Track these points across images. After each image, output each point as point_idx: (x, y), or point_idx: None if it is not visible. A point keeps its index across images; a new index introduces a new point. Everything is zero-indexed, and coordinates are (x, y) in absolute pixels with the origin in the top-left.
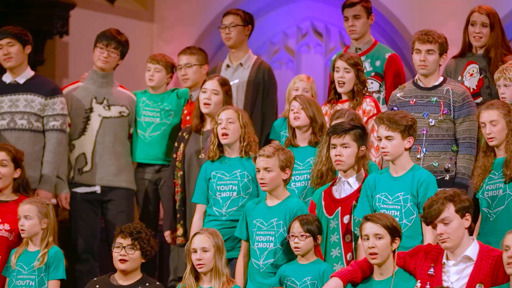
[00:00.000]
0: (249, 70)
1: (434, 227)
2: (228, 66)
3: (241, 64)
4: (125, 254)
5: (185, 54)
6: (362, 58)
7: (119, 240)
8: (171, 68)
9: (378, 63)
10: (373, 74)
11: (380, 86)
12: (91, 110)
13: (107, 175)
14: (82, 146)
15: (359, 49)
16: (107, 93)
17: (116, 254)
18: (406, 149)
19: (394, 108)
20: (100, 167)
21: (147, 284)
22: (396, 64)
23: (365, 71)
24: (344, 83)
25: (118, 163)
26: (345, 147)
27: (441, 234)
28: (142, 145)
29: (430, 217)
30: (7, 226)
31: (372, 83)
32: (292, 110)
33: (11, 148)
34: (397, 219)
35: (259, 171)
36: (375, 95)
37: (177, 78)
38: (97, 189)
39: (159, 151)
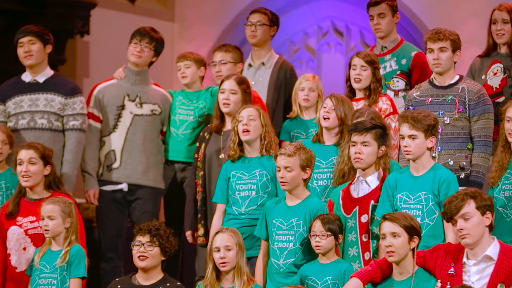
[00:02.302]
0: (271, 69)
1: (454, 223)
2: (250, 65)
3: (263, 63)
4: (144, 251)
5: (220, 51)
6: (388, 56)
7: (138, 238)
8: (200, 62)
9: (404, 61)
10: (398, 72)
11: (406, 84)
12: (123, 107)
13: (135, 173)
14: (112, 143)
15: (385, 47)
16: (140, 90)
17: (135, 251)
18: (428, 149)
19: (410, 107)
20: (129, 164)
21: (168, 284)
22: (422, 63)
23: (391, 69)
24: (360, 80)
25: (147, 161)
26: (365, 145)
27: (461, 229)
28: (174, 143)
29: (450, 212)
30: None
31: (397, 81)
32: (324, 108)
33: (39, 145)
34: (419, 218)
35: (279, 170)
36: (401, 94)
37: (211, 76)
38: (124, 186)
39: (189, 148)
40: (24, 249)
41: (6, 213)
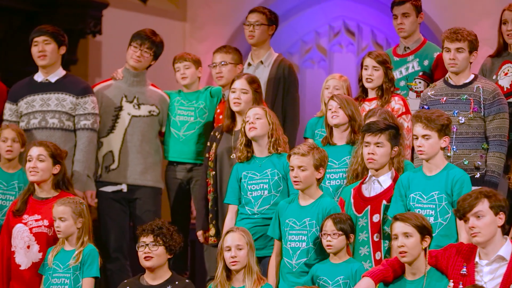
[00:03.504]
0: (270, 68)
1: (466, 221)
2: (249, 64)
3: (261, 62)
4: (149, 251)
5: (220, 53)
6: (411, 57)
7: (142, 239)
8: (198, 63)
9: (426, 62)
10: (421, 73)
11: (428, 85)
12: (120, 108)
13: (134, 173)
14: (110, 144)
15: (408, 48)
16: (138, 92)
17: (141, 253)
18: (441, 148)
19: (425, 106)
20: (127, 165)
21: (176, 283)
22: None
23: (413, 70)
24: (372, 80)
25: (145, 162)
26: (379, 146)
27: (472, 227)
28: (176, 144)
29: (463, 210)
30: (46, 222)
31: (420, 82)
32: (330, 109)
33: (50, 144)
34: (431, 218)
35: (293, 169)
36: (422, 94)
37: (210, 77)
38: (124, 187)
39: (193, 149)
40: (28, 247)
41: (14, 210)
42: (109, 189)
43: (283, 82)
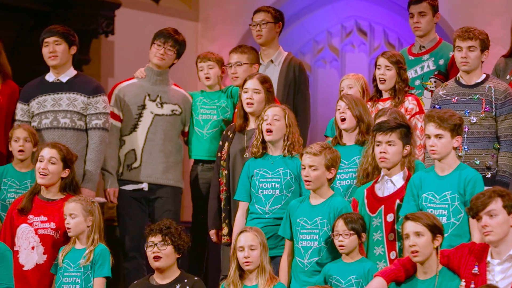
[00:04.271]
0: (280, 66)
1: (479, 220)
2: (259, 64)
3: (272, 61)
4: (157, 251)
5: (236, 53)
6: (426, 56)
7: (151, 239)
8: (221, 62)
9: (441, 61)
10: (436, 73)
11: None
12: (143, 107)
13: (155, 172)
14: (132, 142)
15: (423, 47)
16: (161, 90)
17: (150, 253)
18: (454, 148)
19: (436, 106)
20: (149, 164)
21: (185, 281)
22: None
23: (428, 69)
24: (385, 80)
25: (167, 161)
26: (390, 144)
27: (485, 226)
28: (199, 142)
29: (476, 208)
30: (53, 225)
31: (435, 81)
32: (338, 110)
33: (63, 147)
34: (444, 218)
35: (304, 168)
36: (433, 94)
37: (225, 76)
38: (145, 186)
39: (216, 147)
40: (33, 248)
41: (19, 209)
42: (130, 187)
43: (293, 80)
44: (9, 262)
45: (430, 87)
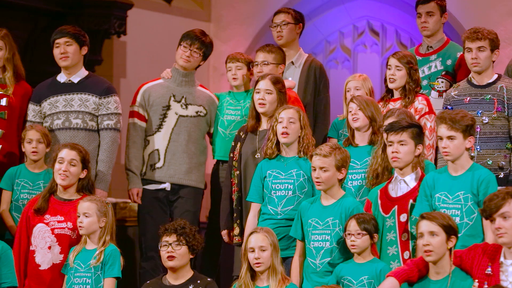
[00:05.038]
0: (300, 68)
1: (493, 221)
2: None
3: (292, 62)
4: (172, 250)
5: (263, 52)
6: (433, 56)
7: (165, 238)
8: (250, 63)
9: (449, 62)
10: (443, 73)
11: (451, 85)
12: (168, 107)
13: (178, 173)
14: (156, 142)
15: (431, 47)
16: (186, 92)
17: (164, 252)
18: (466, 149)
19: (449, 107)
20: (172, 164)
21: (198, 281)
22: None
23: (436, 69)
24: (395, 80)
25: (190, 161)
26: (402, 144)
27: (499, 228)
28: (222, 143)
29: (489, 210)
30: (70, 225)
31: (442, 82)
32: (350, 111)
33: (81, 148)
34: (457, 218)
35: (314, 169)
36: (445, 95)
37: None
38: (167, 186)
39: None
40: (49, 248)
41: (35, 209)
42: (152, 187)
43: (313, 82)
44: (12, 261)
45: (438, 87)
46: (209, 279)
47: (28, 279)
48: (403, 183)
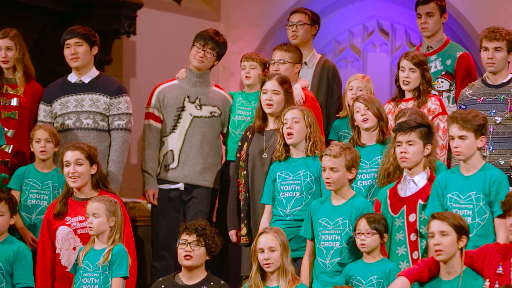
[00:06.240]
0: (313, 69)
1: (509, 216)
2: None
3: (305, 63)
4: (190, 250)
5: (280, 50)
6: (433, 56)
7: (184, 236)
8: (264, 65)
9: (449, 62)
10: (443, 73)
11: (451, 85)
12: (183, 108)
13: (192, 173)
14: (170, 143)
15: (431, 47)
16: (201, 92)
17: (181, 250)
18: (478, 149)
19: (462, 106)
20: (186, 165)
21: (212, 283)
22: (467, 63)
23: (436, 69)
24: (409, 82)
25: (204, 162)
26: (411, 144)
27: None
28: (233, 143)
29: (509, 204)
30: None
31: (442, 82)
32: (358, 112)
33: (84, 145)
34: (469, 218)
35: (324, 170)
36: (445, 94)
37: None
38: (181, 185)
39: None
40: (74, 248)
41: (55, 213)
42: (166, 187)
43: (326, 83)
44: (29, 261)
45: (438, 87)
46: (222, 282)
47: (57, 282)
48: (412, 183)
